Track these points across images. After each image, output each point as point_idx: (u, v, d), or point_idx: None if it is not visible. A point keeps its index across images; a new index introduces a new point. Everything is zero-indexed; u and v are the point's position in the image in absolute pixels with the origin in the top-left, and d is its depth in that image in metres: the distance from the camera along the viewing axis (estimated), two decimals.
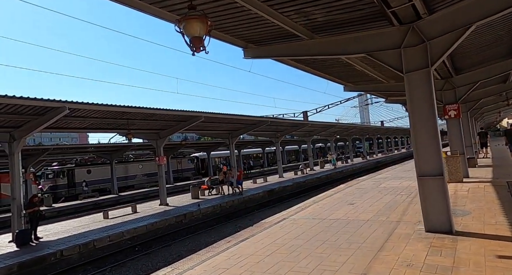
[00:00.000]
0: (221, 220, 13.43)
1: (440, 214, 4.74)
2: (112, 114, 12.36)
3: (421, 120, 4.98)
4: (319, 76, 9.97)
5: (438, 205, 4.74)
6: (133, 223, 12.39)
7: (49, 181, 26.98)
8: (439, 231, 4.69)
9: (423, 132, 4.95)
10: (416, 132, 5.08)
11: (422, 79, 4.92)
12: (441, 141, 5.15)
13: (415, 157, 5.10)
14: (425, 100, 4.92)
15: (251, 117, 18.75)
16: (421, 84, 4.94)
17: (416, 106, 5.02)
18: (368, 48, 5.25)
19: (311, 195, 17.68)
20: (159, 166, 16.75)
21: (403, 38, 5.04)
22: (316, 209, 7.43)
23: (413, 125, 5.11)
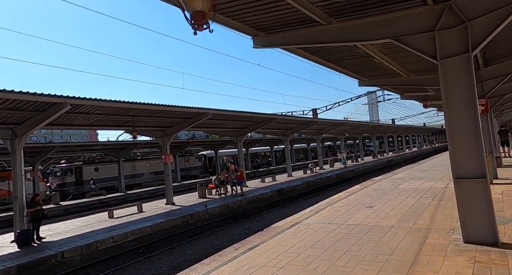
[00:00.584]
0: (229, 221, 12.91)
1: (481, 222, 4.08)
2: (117, 110, 11.95)
3: (459, 114, 4.30)
4: (333, 69, 9.31)
5: (480, 211, 4.08)
6: (138, 223, 11.98)
7: (57, 179, 26.98)
8: (481, 242, 4.04)
9: (462, 128, 4.28)
10: (452, 128, 4.41)
11: (461, 67, 4.25)
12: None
13: (451, 156, 4.42)
14: (464, 90, 4.25)
15: (260, 114, 18.16)
16: (460, 72, 4.27)
17: (453, 97, 4.34)
18: (396, 32, 4.60)
19: (323, 195, 17.08)
20: (166, 164, 16.33)
21: (438, 19, 4.37)
22: (332, 213, 6.81)
23: (449, 120, 4.44)
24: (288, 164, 26.33)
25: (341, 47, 7.48)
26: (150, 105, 11.99)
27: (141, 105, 11.72)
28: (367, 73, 10.43)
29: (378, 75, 10.77)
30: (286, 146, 26.27)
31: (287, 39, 6.14)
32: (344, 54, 8.05)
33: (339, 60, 8.61)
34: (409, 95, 15.26)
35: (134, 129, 12.89)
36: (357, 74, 10.51)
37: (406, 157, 43.00)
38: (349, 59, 8.51)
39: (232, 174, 17.39)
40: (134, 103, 11.30)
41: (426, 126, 68.44)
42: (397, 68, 8.93)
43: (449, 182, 9.40)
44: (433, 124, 77.96)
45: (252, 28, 5.97)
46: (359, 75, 10.65)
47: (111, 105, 10.74)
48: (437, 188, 8.66)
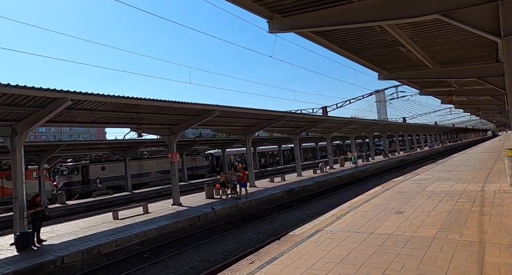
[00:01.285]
0: (238, 223, 12.24)
1: None
2: (121, 107, 11.38)
3: None
4: (352, 60, 8.55)
5: None
6: (143, 225, 11.41)
7: (63, 178, 26.77)
8: None
9: None
10: None
11: None
12: None
13: None
14: None
15: (270, 112, 17.45)
16: None
17: None
18: (446, 6, 3.82)
19: (335, 196, 16.29)
20: (172, 164, 15.75)
21: None
22: (357, 219, 6.07)
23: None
24: (298, 163, 25.56)
25: (364, 35, 6.72)
26: (155, 101, 11.39)
27: (146, 101, 11.12)
28: (389, 65, 9.62)
29: (400, 68, 9.96)
30: (296, 144, 25.50)
31: (304, 21, 5.42)
32: (366, 42, 7.27)
33: (361, 50, 7.84)
34: (429, 91, 14.36)
35: (139, 127, 12.32)
36: (378, 67, 9.72)
37: (418, 157, 41.76)
38: (372, 49, 7.73)
39: (232, 175, 16.14)
40: (139, 99, 10.70)
41: (437, 125, 66.66)
42: (424, 58, 8.10)
43: (484, 184, 8.56)
44: (445, 123, 75.99)
45: (267, 9, 5.26)
46: (379, 68, 9.86)
47: (114, 101, 10.16)
48: (472, 191, 7.81)
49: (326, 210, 12.84)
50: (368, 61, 8.90)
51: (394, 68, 9.91)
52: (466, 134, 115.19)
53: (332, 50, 7.46)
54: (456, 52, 7.63)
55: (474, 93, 13.97)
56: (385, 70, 10.17)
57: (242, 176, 15.87)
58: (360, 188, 18.66)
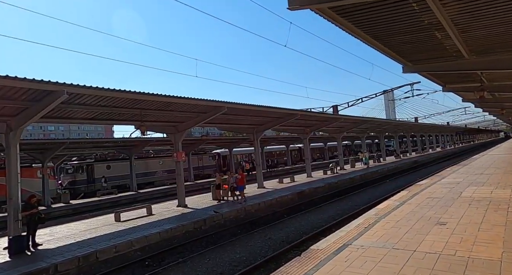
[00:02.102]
0: (247, 228, 11.41)
1: None
2: (122, 102, 10.66)
3: None
4: (377, 48, 7.60)
5: None
6: (146, 228, 10.67)
7: (68, 176, 26.36)
8: None
9: None
10: None
11: None
12: None
13: None
14: None
15: (279, 109, 16.57)
16: None
17: None
18: None
19: (349, 200, 15.28)
20: (177, 163, 15.02)
21: None
22: (390, 230, 5.18)
23: None
24: (308, 163, 24.61)
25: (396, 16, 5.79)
26: (160, 96, 10.63)
27: (150, 96, 10.38)
28: (416, 56, 8.65)
29: (428, 59, 8.98)
30: (306, 144, 24.56)
31: None
32: (397, 26, 6.33)
33: (388, 36, 6.91)
34: (453, 86, 13.30)
35: (142, 124, 11.59)
36: (403, 58, 8.75)
37: (431, 158, 40.37)
38: (402, 34, 6.78)
39: (230, 177, 14.88)
40: (141, 93, 9.95)
41: (450, 125, 64.76)
42: (461, 45, 7.12)
43: None
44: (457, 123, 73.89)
45: None
46: (405, 59, 8.88)
47: (114, 96, 9.43)
48: None
49: (341, 215, 11.99)
50: (394, 50, 7.95)
51: (421, 60, 8.92)
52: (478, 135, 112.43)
53: (355, 35, 6.54)
54: (501, 38, 6.65)
55: (503, 90, 12.86)
56: (410, 62, 9.19)
57: (240, 179, 14.57)
58: (375, 190, 17.68)
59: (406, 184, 18.97)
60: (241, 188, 14.64)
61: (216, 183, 15.77)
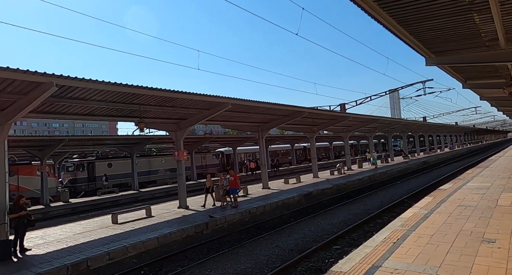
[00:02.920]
0: (252, 233, 10.63)
1: None
2: (119, 97, 9.93)
3: None
4: (400, 36, 6.77)
5: None
6: (143, 232, 9.95)
7: (69, 174, 25.86)
8: None
9: None
10: None
11: None
12: None
13: None
14: None
15: (286, 106, 15.73)
16: None
17: None
18: None
19: (361, 203, 14.24)
20: (179, 162, 14.29)
21: None
22: (425, 248, 4.36)
23: None
24: (314, 163, 23.77)
25: None
26: (159, 91, 9.88)
27: (149, 90, 9.63)
28: (442, 46, 7.77)
29: (455, 50, 8.09)
30: (312, 143, 23.70)
31: None
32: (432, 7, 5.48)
33: (418, 20, 6.07)
34: (476, 83, 12.37)
35: (141, 121, 10.85)
36: (428, 48, 7.90)
37: (440, 158, 39.23)
38: (435, 18, 5.94)
39: (222, 179, 13.37)
40: (138, 87, 9.21)
41: (458, 125, 63.31)
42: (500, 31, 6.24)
43: None
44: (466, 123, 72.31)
45: None
46: (429, 50, 8.02)
47: (109, 89, 8.69)
48: None
49: (354, 220, 11.14)
50: (420, 39, 7.10)
51: (447, 50, 8.05)
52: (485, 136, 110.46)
53: (380, 19, 5.71)
54: None
55: None
56: (434, 54, 8.33)
57: (233, 180, 12.96)
58: (386, 193, 16.80)
59: (419, 186, 18.06)
60: (235, 190, 13.23)
61: (206, 186, 13.89)
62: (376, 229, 9.69)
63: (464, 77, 12.07)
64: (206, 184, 14.01)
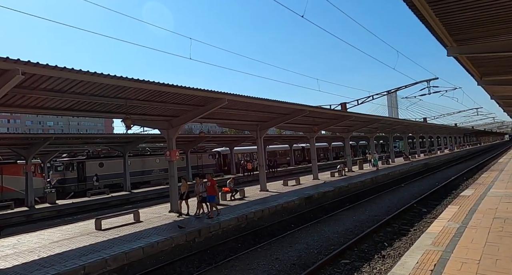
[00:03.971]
0: (249, 241, 9.64)
1: None
2: (102, 89, 8.89)
3: None
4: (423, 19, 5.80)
5: None
6: (128, 241, 8.92)
7: (57, 174, 24.69)
8: None
9: None
10: None
11: None
12: None
13: None
14: None
15: (286, 104, 14.74)
16: None
17: None
18: None
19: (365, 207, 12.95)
20: (171, 163, 13.26)
21: None
22: None
23: None
24: (314, 164, 22.82)
25: None
26: (147, 83, 8.86)
27: (135, 82, 8.61)
28: (468, 32, 6.84)
29: (481, 38, 7.14)
30: (312, 143, 22.76)
31: None
32: None
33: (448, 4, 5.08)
34: (493, 79, 11.46)
35: (127, 117, 9.81)
36: (451, 34, 6.93)
37: (442, 160, 38.43)
38: None
39: (199, 184, 11.61)
40: (124, 79, 8.18)
41: (457, 126, 62.69)
42: None
43: None
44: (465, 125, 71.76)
45: None
46: (452, 36, 7.06)
47: (88, 80, 7.65)
48: None
49: (360, 227, 10.13)
50: (445, 22, 6.14)
51: (472, 38, 7.11)
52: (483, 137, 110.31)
53: None
54: None
55: None
56: (456, 42, 7.38)
57: (210, 186, 11.21)
58: (392, 197, 15.86)
59: (425, 189, 17.12)
60: (213, 198, 11.38)
61: (181, 192, 12.15)
62: (387, 239, 8.78)
63: (481, 73, 11.15)
64: (181, 189, 12.18)
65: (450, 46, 7.50)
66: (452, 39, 7.16)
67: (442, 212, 7.58)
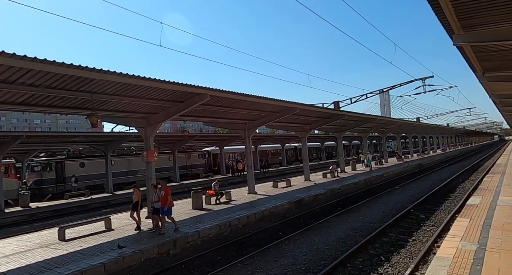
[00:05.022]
0: (230, 253, 8.60)
1: None
2: (62, 81, 7.72)
3: None
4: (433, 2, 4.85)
5: None
6: (90, 255, 7.80)
7: (34, 175, 23.21)
8: None
9: None
10: None
11: None
12: None
13: None
14: None
15: (275, 101, 13.71)
16: None
17: None
18: None
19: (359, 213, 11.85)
20: (148, 164, 12.14)
21: None
22: None
23: None
24: (306, 165, 21.89)
25: None
26: (115, 75, 7.73)
27: (100, 73, 7.48)
28: (478, 16, 5.95)
29: (492, 23, 6.24)
30: (304, 143, 21.85)
31: None
32: None
33: None
34: (496, 75, 10.66)
35: (93, 114, 8.64)
36: (459, 19, 6.04)
37: (435, 160, 38.03)
38: None
39: (153, 194, 9.90)
40: (86, 69, 7.02)
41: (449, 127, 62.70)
42: None
43: None
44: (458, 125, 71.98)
45: None
46: (460, 22, 6.15)
47: (40, 69, 6.47)
48: None
49: (354, 237, 8.97)
50: (455, 4, 5.20)
51: (481, 24, 6.21)
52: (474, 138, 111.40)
53: None
54: None
55: None
56: (463, 29, 6.47)
57: (164, 195, 9.43)
58: (387, 200, 14.97)
59: (421, 192, 16.29)
60: (167, 211, 9.46)
61: (134, 201, 10.31)
62: (384, 252, 7.83)
63: (484, 68, 10.33)
64: (133, 198, 10.37)
65: (458, 34, 6.58)
66: (460, 25, 6.23)
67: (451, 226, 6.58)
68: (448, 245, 5.10)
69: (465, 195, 14.12)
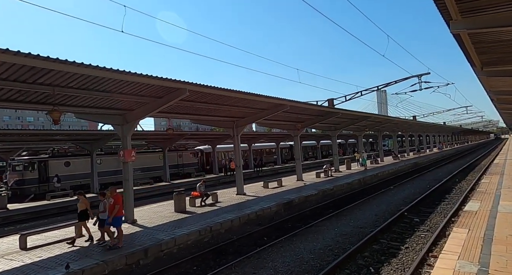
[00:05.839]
0: (208, 263, 7.84)
1: None
2: (16, 72, 6.87)
3: None
4: None
5: None
6: (47, 267, 7.00)
7: (15, 174, 22.26)
8: None
9: None
10: None
11: None
12: None
13: None
14: None
15: (264, 97, 12.92)
16: None
17: None
18: None
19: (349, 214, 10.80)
20: (125, 165, 11.34)
21: None
22: None
23: None
24: (298, 164, 21.17)
25: None
26: (76, 66, 6.90)
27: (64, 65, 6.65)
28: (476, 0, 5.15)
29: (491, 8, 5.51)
30: (297, 142, 21.08)
31: None
32: None
33: None
34: (495, 69, 9.97)
35: (54, 109, 7.80)
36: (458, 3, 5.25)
37: (431, 159, 37.47)
38: None
39: (100, 203, 8.75)
40: (39, 58, 6.19)
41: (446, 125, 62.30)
42: None
43: None
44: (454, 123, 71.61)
45: None
46: (459, 5, 5.39)
47: None
48: None
49: (342, 244, 8.15)
50: None
51: (480, 8, 5.45)
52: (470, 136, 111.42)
53: None
54: None
55: None
56: (462, 14, 5.72)
57: (111, 204, 8.10)
58: (380, 202, 14.26)
59: (416, 193, 15.63)
60: (117, 221, 8.16)
61: (79, 209, 9.03)
62: (373, 262, 7.10)
63: (483, 62, 9.61)
64: (79, 206, 9.04)
65: (455, 20, 5.82)
66: (458, 8, 5.48)
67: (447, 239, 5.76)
68: (443, 265, 4.32)
69: (461, 196, 13.47)
